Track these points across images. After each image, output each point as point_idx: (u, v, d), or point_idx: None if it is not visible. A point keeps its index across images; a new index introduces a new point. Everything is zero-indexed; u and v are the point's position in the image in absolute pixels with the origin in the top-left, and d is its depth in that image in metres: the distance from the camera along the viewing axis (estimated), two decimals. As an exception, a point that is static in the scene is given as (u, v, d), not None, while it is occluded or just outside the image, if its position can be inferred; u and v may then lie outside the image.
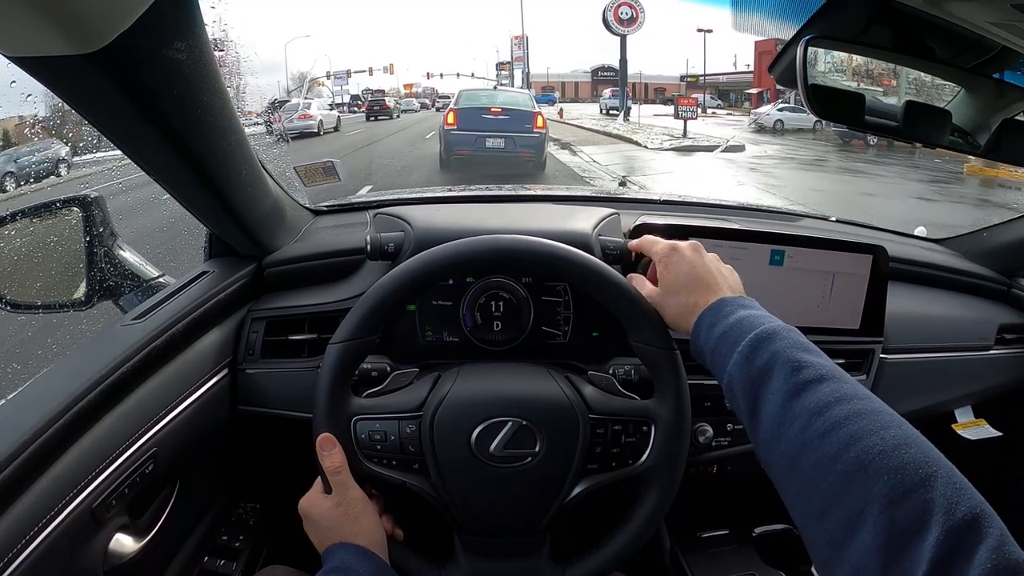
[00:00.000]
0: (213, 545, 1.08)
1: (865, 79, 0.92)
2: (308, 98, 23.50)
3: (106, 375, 0.77)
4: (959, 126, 0.90)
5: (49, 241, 1.06)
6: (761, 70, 10.71)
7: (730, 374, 0.62)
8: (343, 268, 1.06)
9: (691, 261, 0.74)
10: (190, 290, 0.97)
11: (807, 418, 0.54)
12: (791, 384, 0.57)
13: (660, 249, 0.77)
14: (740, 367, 0.61)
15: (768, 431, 0.57)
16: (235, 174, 0.86)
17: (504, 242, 0.79)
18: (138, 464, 0.78)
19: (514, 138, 9.69)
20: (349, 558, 0.69)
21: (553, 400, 0.78)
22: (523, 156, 9.71)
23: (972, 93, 0.90)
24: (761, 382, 0.59)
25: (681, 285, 0.73)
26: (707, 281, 0.72)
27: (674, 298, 0.73)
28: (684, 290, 0.72)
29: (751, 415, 0.59)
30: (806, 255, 1.02)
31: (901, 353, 1.12)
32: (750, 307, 0.68)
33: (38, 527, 0.66)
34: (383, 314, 0.77)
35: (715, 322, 0.67)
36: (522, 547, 0.78)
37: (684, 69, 43.13)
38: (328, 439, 0.73)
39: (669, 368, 0.78)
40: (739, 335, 0.63)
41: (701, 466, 1.05)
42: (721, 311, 0.67)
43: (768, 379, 0.59)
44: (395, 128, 20.43)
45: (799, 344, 0.61)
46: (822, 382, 0.56)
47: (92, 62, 0.56)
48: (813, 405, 0.54)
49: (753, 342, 0.61)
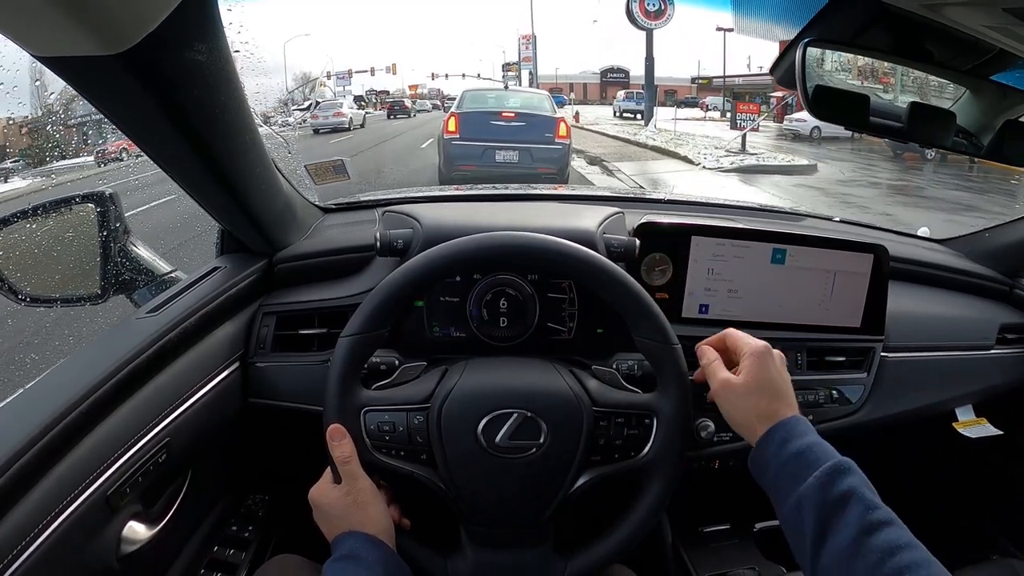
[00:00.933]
0: (223, 535, 1.10)
1: (870, 78, 0.93)
2: (326, 99, 24.76)
3: (121, 367, 0.79)
4: (963, 127, 0.91)
5: (65, 236, 1.08)
6: (787, 72, 9.74)
7: (802, 495, 0.64)
8: (352, 264, 1.08)
9: (779, 369, 0.76)
10: (203, 285, 0.99)
11: (879, 556, 0.58)
12: (867, 521, 0.60)
13: (756, 346, 0.77)
14: (815, 491, 0.64)
15: (834, 558, 0.60)
16: (249, 172, 0.89)
17: (511, 239, 0.81)
18: (151, 453, 0.80)
19: (530, 150, 7.62)
20: (357, 546, 0.71)
21: (558, 393, 0.80)
22: (541, 172, 7.62)
23: (974, 95, 0.91)
24: (835, 511, 0.62)
25: (765, 388, 0.74)
26: (786, 393, 0.74)
27: (753, 398, 0.74)
28: (767, 394, 0.74)
29: (817, 539, 0.62)
30: (808, 254, 1.03)
31: (902, 352, 1.13)
32: (815, 434, 0.71)
33: (55, 511, 0.68)
34: (393, 308, 0.79)
35: (789, 439, 0.69)
36: (526, 538, 0.80)
37: (696, 70, 41.33)
38: (338, 430, 0.75)
39: (671, 363, 0.80)
40: (815, 459, 0.66)
41: (703, 461, 1.06)
42: (796, 429, 0.70)
43: (843, 510, 0.62)
44: (414, 124, 22.44)
45: (869, 484, 0.65)
46: (891, 525, 0.61)
47: (119, 62, 0.57)
48: (886, 546, 0.59)
49: (831, 471, 0.64)
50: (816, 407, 1.06)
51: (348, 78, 42.27)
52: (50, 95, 5.48)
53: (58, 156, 8.48)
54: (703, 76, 37.01)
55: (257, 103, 0.87)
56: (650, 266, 1.02)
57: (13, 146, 9.93)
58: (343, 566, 0.69)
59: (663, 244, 1.02)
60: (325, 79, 36.60)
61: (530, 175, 7.50)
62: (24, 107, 7.21)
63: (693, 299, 1.03)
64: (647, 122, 21.43)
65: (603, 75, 50.37)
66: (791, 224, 1.32)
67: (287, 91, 32.55)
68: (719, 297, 1.03)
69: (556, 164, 7.80)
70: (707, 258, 1.02)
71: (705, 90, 34.56)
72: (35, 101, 6.78)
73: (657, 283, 1.02)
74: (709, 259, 1.02)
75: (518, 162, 7.59)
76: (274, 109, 21.27)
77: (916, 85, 0.93)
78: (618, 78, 47.36)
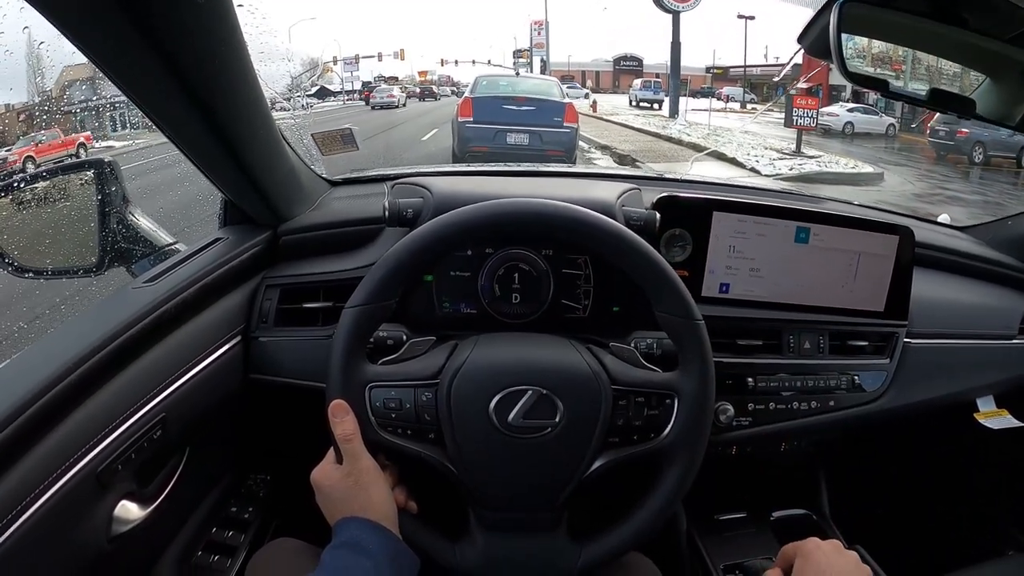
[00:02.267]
0: (222, 516, 1.08)
1: (884, 65, 0.90)
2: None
3: (114, 336, 0.76)
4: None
5: (60, 204, 1.05)
6: (811, 62, 8.05)
7: None
8: (360, 237, 1.05)
9: (829, 563, 0.69)
10: (204, 255, 0.95)
11: None
12: None
13: (805, 549, 0.72)
14: None
15: None
16: (252, 134, 0.85)
17: (525, 204, 0.77)
18: (146, 429, 0.77)
19: (540, 133, 8.05)
20: (359, 532, 0.67)
21: (575, 370, 0.76)
22: (550, 155, 8.01)
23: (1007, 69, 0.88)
24: None
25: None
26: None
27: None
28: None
29: None
30: (832, 233, 1.00)
31: (925, 338, 1.10)
32: None
33: (40, 488, 0.65)
34: (401, 278, 0.75)
35: None
36: (539, 523, 0.76)
37: (712, 60, 40.30)
38: (341, 406, 0.72)
39: (694, 340, 0.76)
40: None
41: (721, 447, 1.03)
42: None
43: None
44: (440, 105, 26.96)
45: None
46: None
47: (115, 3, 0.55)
48: None
49: None
50: (836, 393, 1.03)
51: (355, 64, 41.76)
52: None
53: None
54: (718, 66, 35.68)
55: (265, 88, 0.84)
56: (670, 242, 0.99)
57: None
58: (343, 554, 0.66)
59: (683, 219, 0.99)
60: (332, 65, 36.40)
61: (539, 156, 7.83)
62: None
63: (714, 277, 0.99)
64: (672, 114, 20.01)
65: (616, 63, 48.94)
66: (812, 206, 1.28)
67: (291, 77, 32.52)
68: (741, 276, 0.99)
69: (564, 146, 8.18)
70: (728, 235, 0.98)
71: (720, 80, 33.36)
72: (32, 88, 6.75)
73: (677, 259, 0.99)
74: (731, 236, 0.98)
75: (528, 144, 7.99)
76: (280, 95, 22.45)
77: (929, 73, 0.91)
78: (631, 66, 46.24)
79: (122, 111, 9.64)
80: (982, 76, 0.91)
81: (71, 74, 8.19)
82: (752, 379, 0.99)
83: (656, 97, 26.25)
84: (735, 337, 1.01)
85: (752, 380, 0.99)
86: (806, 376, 1.02)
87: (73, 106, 8.92)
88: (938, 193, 10.16)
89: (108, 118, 9.99)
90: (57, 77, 8.31)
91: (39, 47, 2.67)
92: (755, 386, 0.99)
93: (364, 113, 22.73)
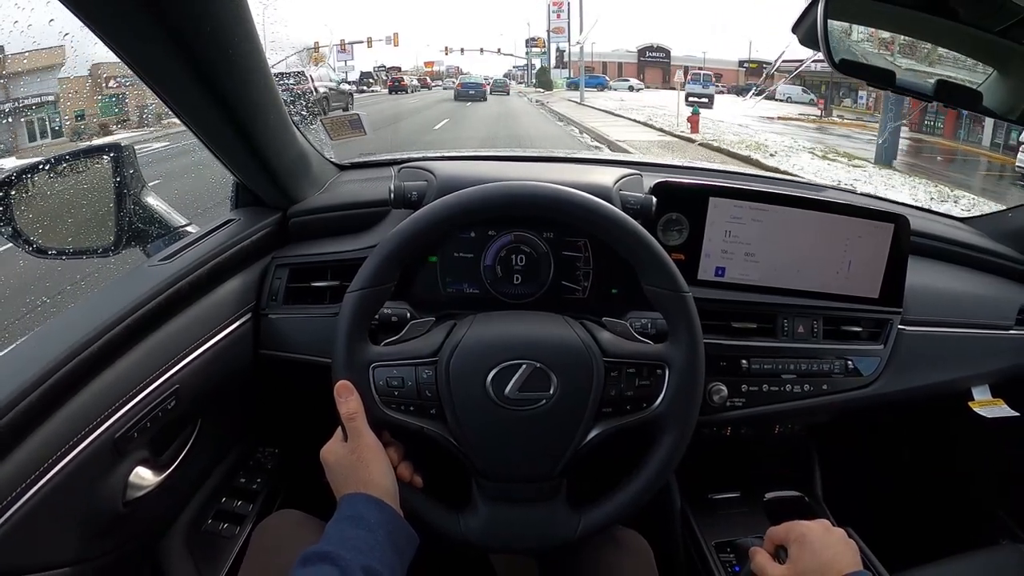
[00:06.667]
0: (231, 486, 1.11)
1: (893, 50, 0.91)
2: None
3: (130, 312, 0.79)
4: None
5: (79, 187, 1.08)
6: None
7: None
8: (367, 219, 1.08)
9: (823, 544, 0.71)
10: (216, 235, 0.99)
11: None
12: None
13: (799, 531, 0.73)
14: None
15: None
16: (262, 117, 0.88)
17: (520, 187, 0.80)
18: (160, 400, 0.80)
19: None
20: (361, 506, 0.70)
21: (567, 343, 0.79)
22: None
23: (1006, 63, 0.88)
24: None
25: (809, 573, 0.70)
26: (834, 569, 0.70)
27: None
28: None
29: None
30: (828, 221, 1.02)
31: (920, 326, 1.12)
32: None
33: (61, 451, 0.68)
34: (399, 261, 0.78)
35: None
36: (539, 493, 0.79)
37: (747, 53, 37.43)
38: (346, 386, 0.75)
39: (682, 311, 0.79)
40: None
41: (715, 427, 1.05)
42: None
43: None
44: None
45: None
46: None
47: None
48: None
49: None
50: (831, 377, 1.05)
51: (351, 53, 40.31)
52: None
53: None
54: (752, 59, 33.04)
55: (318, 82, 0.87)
56: (667, 226, 1.01)
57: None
58: (345, 527, 0.68)
59: (680, 204, 1.01)
60: (327, 53, 35.65)
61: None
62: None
63: (710, 261, 1.01)
64: (886, 160, 11.52)
65: (641, 54, 46.43)
66: (812, 193, 1.30)
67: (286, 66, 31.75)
68: (736, 260, 1.01)
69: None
70: (725, 220, 1.00)
71: (754, 75, 31.13)
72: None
73: (673, 243, 1.01)
74: (727, 221, 1.00)
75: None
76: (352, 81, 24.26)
77: (938, 58, 0.91)
78: (658, 58, 43.52)
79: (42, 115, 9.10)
80: (989, 69, 0.92)
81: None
82: (746, 361, 1.01)
83: (706, 91, 23.60)
84: (730, 319, 1.03)
85: (746, 362, 1.01)
86: (800, 359, 1.04)
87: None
88: None
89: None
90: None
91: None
92: (749, 368, 1.01)
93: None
